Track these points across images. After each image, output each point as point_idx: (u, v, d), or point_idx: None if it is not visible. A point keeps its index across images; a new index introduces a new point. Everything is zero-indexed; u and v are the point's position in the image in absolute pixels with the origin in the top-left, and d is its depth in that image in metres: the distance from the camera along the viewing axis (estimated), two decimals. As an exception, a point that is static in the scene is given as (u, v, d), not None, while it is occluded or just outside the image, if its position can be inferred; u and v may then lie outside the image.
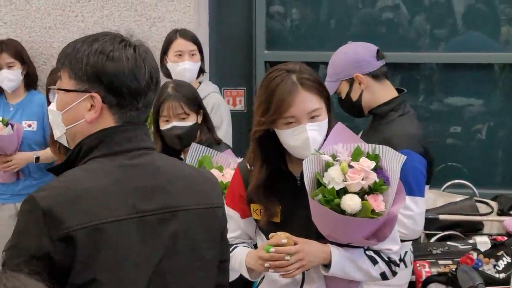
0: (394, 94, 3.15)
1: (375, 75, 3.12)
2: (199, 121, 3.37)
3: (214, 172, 2.91)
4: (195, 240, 1.90)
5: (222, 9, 4.89)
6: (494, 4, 4.89)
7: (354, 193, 2.35)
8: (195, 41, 4.19)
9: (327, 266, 2.44)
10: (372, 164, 2.39)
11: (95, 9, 4.71)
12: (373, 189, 2.37)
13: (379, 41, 4.64)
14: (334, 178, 2.36)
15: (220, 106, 4.16)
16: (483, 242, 3.38)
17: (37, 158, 4.45)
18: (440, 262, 3.31)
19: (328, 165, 2.39)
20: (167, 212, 1.86)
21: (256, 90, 4.85)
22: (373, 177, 2.37)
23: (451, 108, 4.97)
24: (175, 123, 3.29)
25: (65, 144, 1.95)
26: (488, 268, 3.11)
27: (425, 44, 4.99)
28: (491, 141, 4.94)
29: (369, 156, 2.42)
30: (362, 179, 2.35)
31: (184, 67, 4.09)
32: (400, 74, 4.99)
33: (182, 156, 3.32)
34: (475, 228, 3.64)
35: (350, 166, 2.38)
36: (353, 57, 3.11)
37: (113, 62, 1.83)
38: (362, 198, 2.35)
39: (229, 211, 2.52)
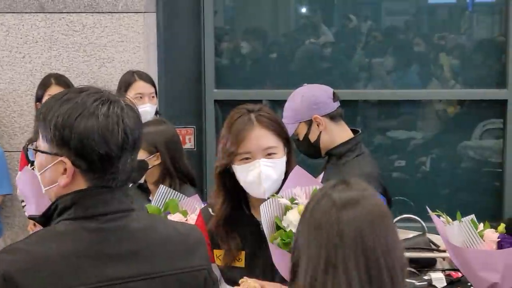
0: (350, 134, 3.21)
1: (332, 116, 3.18)
2: (153, 161, 3.33)
3: (178, 216, 2.90)
4: None
5: (171, 49, 4.91)
6: (433, 41, 5.02)
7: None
8: (153, 84, 4.24)
9: None
10: (330, 205, 2.43)
11: (43, 50, 4.67)
12: (333, 231, 2.40)
13: (326, 78, 4.77)
14: (292, 221, 2.38)
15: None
16: (438, 278, 3.41)
17: None
18: (398, 299, 3.34)
19: (287, 209, 2.42)
20: (139, 279, 1.78)
21: (206, 128, 4.93)
22: (331, 218, 2.40)
23: (394, 141, 5.07)
24: None
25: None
26: (447, 306, 3.16)
27: (365, 80, 5.08)
28: (435, 173, 5.05)
29: (327, 197, 2.45)
30: (322, 221, 2.39)
31: (145, 110, 4.10)
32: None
33: (150, 197, 3.31)
34: (429, 264, 3.69)
35: (308, 209, 2.41)
36: (311, 99, 3.17)
37: (81, 127, 1.75)
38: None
39: None
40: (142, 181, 3.42)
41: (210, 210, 2.62)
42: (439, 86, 5.02)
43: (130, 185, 3.41)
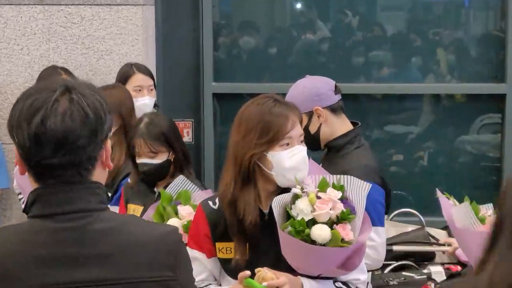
0: (350, 127, 3.20)
1: (333, 109, 3.17)
2: (171, 157, 3.27)
3: (187, 208, 2.88)
4: None
5: (169, 42, 4.91)
6: (431, 36, 5.02)
7: (323, 223, 2.38)
8: (152, 76, 4.22)
9: None
10: (339, 193, 2.44)
11: (41, 42, 4.66)
12: (340, 219, 2.41)
13: (324, 72, 4.75)
14: (302, 209, 2.39)
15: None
16: (437, 271, 3.42)
17: None
18: (398, 293, 3.34)
19: (296, 197, 2.42)
20: (91, 285, 1.65)
21: (204, 121, 4.92)
22: (340, 207, 2.41)
23: (392, 136, 5.07)
24: (144, 160, 3.25)
25: None
26: (447, 299, 3.17)
27: (363, 75, 5.07)
28: (433, 167, 5.05)
29: (334, 187, 2.46)
30: (330, 209, 2.39)
31: (144, 102, 4.09)
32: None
33: (155, 189, 3.29)
34: (428, 257, 3.68)
35: (318, 197, 2.42)
36: (312, 90, 3.15)
37: (11, 116, 1.69)
38: (331, 228, 2.39)
39: (194, 253, 2.50)
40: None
41: (210, 203, 2.59)
42: (437, 81, 5.02)
43: (130, 180, 3.41)
